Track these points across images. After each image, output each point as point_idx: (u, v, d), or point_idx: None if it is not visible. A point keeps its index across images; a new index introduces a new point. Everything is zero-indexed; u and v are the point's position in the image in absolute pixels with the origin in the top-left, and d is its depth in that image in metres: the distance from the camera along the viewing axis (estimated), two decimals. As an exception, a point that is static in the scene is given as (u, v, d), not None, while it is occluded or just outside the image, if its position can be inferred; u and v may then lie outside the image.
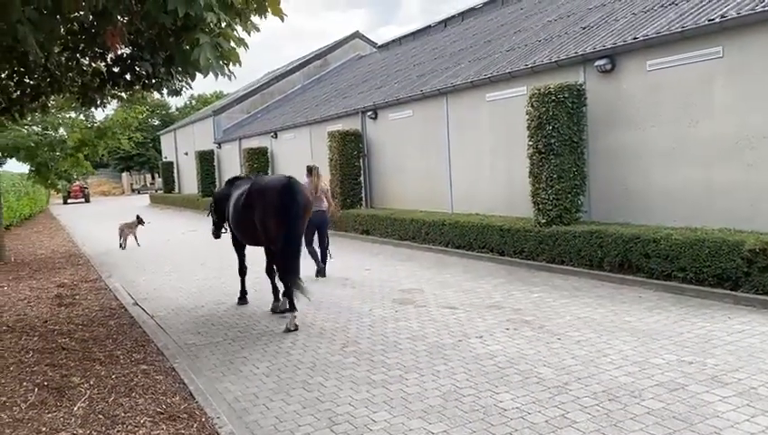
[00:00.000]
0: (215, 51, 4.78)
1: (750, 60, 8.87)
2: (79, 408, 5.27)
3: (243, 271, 9.48)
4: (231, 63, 5.04)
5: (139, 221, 18.16)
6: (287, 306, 7.96)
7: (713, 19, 9.10)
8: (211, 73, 5.21)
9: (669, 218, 9.88)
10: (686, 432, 4.42)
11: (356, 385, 5.73)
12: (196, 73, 5.73)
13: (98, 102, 8.63)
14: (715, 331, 6.73)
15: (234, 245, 9.43)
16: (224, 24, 4.81)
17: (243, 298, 9.57)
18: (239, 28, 4.99)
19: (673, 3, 11.10)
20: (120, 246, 17.47)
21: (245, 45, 5.05)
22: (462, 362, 6.16)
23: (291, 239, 7.82)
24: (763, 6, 8.50)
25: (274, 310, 8.79)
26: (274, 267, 8.70)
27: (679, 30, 9.56)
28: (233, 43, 4.95)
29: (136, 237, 17.91)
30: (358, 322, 8.00)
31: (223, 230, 9.83)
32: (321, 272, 11.22)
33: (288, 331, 7.68)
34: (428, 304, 8.71)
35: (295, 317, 7.80)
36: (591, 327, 7.13)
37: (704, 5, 9.99)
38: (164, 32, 5.63)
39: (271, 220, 7.82)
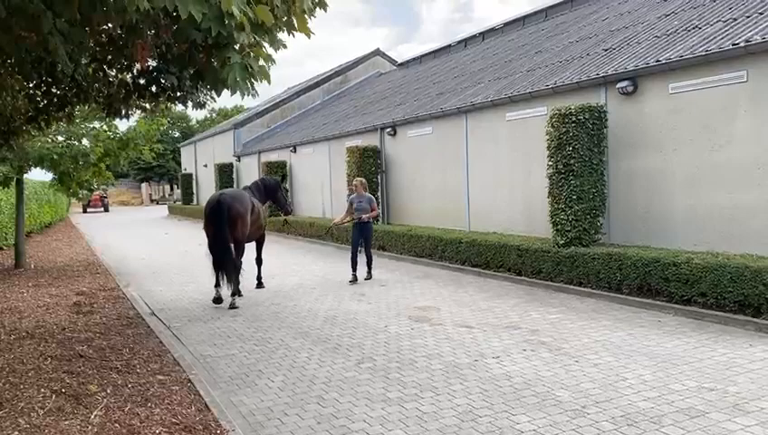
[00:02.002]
0: (244, 71, 4.83)
1: (774, 85, 8.81)
2: (95, 416, 5.28)
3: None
4: (260, 80, 5.09)
5: None
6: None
7: (737, 43, 9.06)
8: (233, 89, 5.30)
9: (690, 242, 9.78)
10: (708, 461, 4.34)
11: (371, 402, 5.70)
12: (223, 89, 5.79)
13: (122, 113, 8.74)
14: (737, 358, 6.62)
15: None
16: (254, 42, 4.86)
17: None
18: (267, 45, 5.03)
19: (696, 27, 11.07)
20: None
21: (273, 61, 5.10)
22: (478, 382, 6.11)
23: (215, 242, 10.05)
24: (789, 31, 8.45)
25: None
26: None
27: (703, 54, 9.52)
28: (261, 61, 4.99)
29: None
30: (373, 338, 7.97)
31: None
32: (354, 280, 12.14)
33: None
34: (444, 323, 8.67)
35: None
36: (610, 350, 7.05)
37: (727, 30, 9.96)
38: (194, 47, 5.69)
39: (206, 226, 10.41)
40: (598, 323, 8.33)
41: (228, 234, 10.05)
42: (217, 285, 10.19)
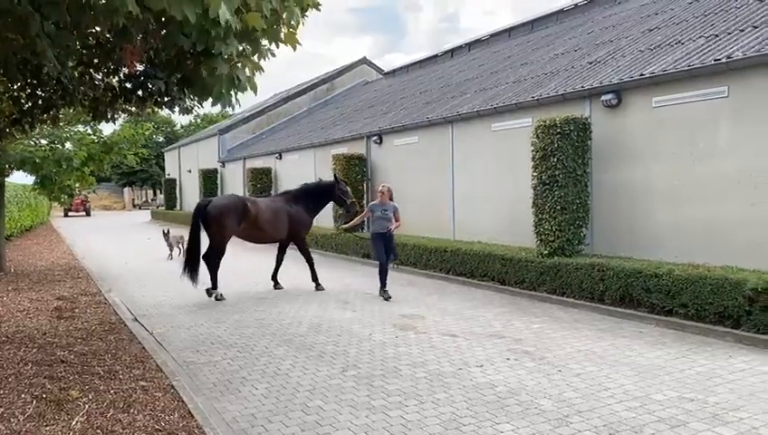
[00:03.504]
0: (230, 84, 4.84)
1: (754, 100, 8.98)
2: (77, 422, 5.23)
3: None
4: (248, 90, 5.10)
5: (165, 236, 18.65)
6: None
7: (719, 59, 9.22)
8: (215, 101, 5.34)
9: (671, 254, 9.90)
10: (688, 470, 4.39)
11: (355, 410, 5.70)
12: (208, 99, 5.80)
13: (108, 116, 8.70)
14: (717, 369, 6.71)
15: None
16: (241, 52, 4.87)
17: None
18: (254, 56, 5.05)
19: (679, 42, 11.26)
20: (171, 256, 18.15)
21: (261, 70, 5.11)
22: (462, 391, 6.14)
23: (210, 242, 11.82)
24: (760, 50, 8.62)
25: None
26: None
27: (686, 68, 9.69)
28: (248, 72, 5.00)
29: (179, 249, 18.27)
30: (358, 346, 7.97)
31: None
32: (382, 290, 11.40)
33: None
34: (429, 331, 8.69)
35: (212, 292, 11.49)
36: (592, 360, 7.11)
37: (710, 46, 10.14)
38: (182, 55, 5.69)
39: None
40: (580, 333, 8.40)
41: (198, 234, 11.55)
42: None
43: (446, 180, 15.62)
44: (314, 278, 12.45)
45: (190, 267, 11.43)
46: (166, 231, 18.42)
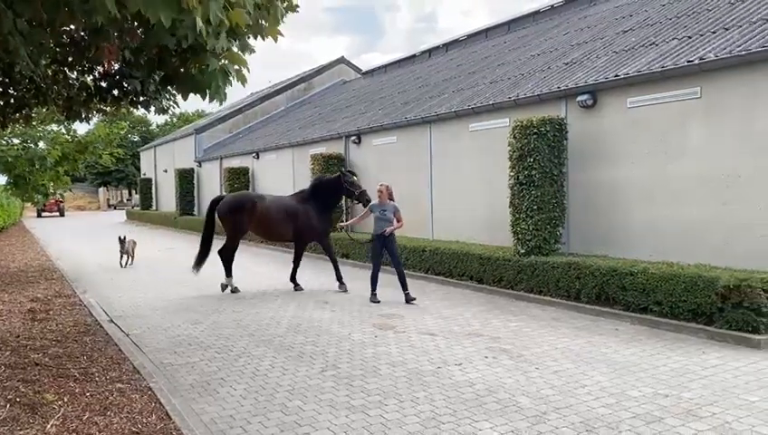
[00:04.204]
0: (225, 77, 4.81)
1: (726, 101, 9.15)
2: (52, 426, 5.15)
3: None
4: (236, 81, 5.07)
5: (122, 242, 16.72)
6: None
7: (692, 60, 9.38)
8: (211, 96, 5.28)
9: (646, 253, 10.05)
10: (663, 465, 4.47)
11: (335, 410, 5.69)
12: (188, 94, 5.74)
13: (82, 116, 8.57)
14: (690, 365, 6.82)
15: None
16: (227, 47, 4.83)
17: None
18: (236, 49, 5.02)
19: (653, 44, 11.43)
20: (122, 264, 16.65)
21: (246, 64, 5.08)
22: (441, 390, 6.17)
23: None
24: (740, 50, 8.80)
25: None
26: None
27: (659, 69, 9.84)
28: (236, 66, 4.97)
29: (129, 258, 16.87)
30: (337, 346, 7.97)
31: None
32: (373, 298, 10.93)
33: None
34: (408, 330, 8.71)
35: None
36: (569, 358, 7.19)
37: (683, 47, 10.30)
38: (166, 53, 5.62)
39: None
40: (557, 331, 8.49)
41: (211, 228, 12.52)
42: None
43: (425, 180, 15.67)
44: (338, 277, 12.26)
45: (199, 257, 12.44)
46: (122, 237, 16.79)
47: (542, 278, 10.55)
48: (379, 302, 10.77)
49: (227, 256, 12.40)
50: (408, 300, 10.61)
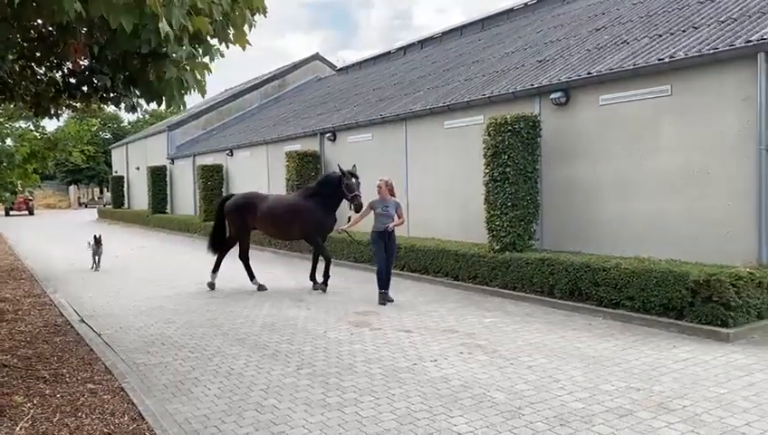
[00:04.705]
0: (180, 86, 4.75)
1: (696, 98, 9.32)
2: (21, 428, 5.06)
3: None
4: (196, 92, 5.00)
5: (97, 242, 15.80)
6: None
7: (662, 58, 9.52)
8: (167, 103, 5.22)
9: (618, 248, 10.18)
10: (635, 457, 4.54)
11: (310, 408, 5.68)
12: (158, 101, 5.67)
13: (51, 112, 8.40)
14: (662, 359, 6.93)
15: None
16: (190, 54, 4.77)
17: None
18: (202, 57, 4.97)
19: (625, 42, 11.58)
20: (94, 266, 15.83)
21: (209, 70, 5.02)
22: (417, 386, 6.18)
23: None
24: (708, 49, 8.96)
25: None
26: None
27: (631, 67, 9.97)
28: (197, 74, 4.90)
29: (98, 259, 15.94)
30: (312, 344, 7.94)
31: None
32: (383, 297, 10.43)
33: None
34: (384, 327, 8.72)
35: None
36: (543, 353, 7.26)
37: (654, 46, 10.46)
38: (128, 54, 5.55)
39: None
40: (531, 327, 8.57)
41: (221, 228, 12.84)
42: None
43: (401, 177, 15.65)
44: (316, 274, 12.05)
45: (215, 258, 12.64)
46: (98, 236, 15.85)
47: (517, 274, 10.64)
48: (391, 301, 10.30)
49: (243, 258, 12.53)
50: (383, 299, 10.37)
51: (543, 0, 20.58)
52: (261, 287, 12.09)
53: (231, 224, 12.66)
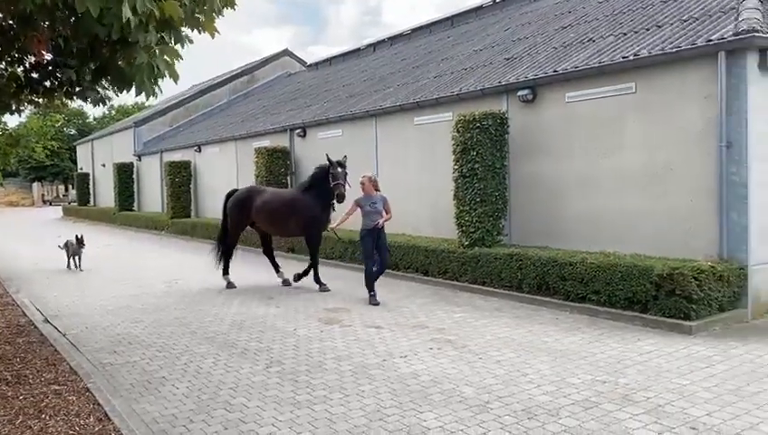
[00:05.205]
0: (151, 72, 4.68)
1: (659, 96, 9.48)
2: (-18, 431, 4.95)
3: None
4: (168, 78, 4.93)
5: (79, 242, 15.26)
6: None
7: (627, 56, 9.67)
8: (138, 90, 5.14)
9: (585, 243, 10.33)
10: (600, 449, 4.62)
11: (280, 406, 5.66)
12: (129, 88, 5.58)
13: (12, 108, 8.20)
14: (627, 352, 7.06)
15: None
16: (159, 39, 4.70)
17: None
18: (172, 42, 4.89)
19: (591, 40, 11.73)
20: (69, 266, 15.39)
21: (180, 58, 4.95)
22: (386, 382, 6.20)
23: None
24: (671, 48, 9.13)
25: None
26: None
27: (597, 65, 10.11)
28: (167, 59, 4.84)
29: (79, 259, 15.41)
30: (282, 342, 7.90)
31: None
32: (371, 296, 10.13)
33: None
34: (354, 324, 8.72)
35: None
36: (511, 347, 7.34)
37: (618, 44, 10.61)
38: (97, 43, 5.44)
39: None
40: (500, 321, 8.65)
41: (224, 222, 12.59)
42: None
43: (371, 173, 15.63)
44: (305, 273, 11.82)
45: (224, 256, 12.30)
46: (79, 236, 15.37)
47: (486, 269, 10.73)
48: (378, 304, 9.90)
49: (266, 252, 12.66)
50: (371, 298, 10.13)
51: (511, -2, 20.74)
52: (286, 282, 12.09)
53: (227, 219, 12.45)
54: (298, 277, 11.83)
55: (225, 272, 12.20)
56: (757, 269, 8.59)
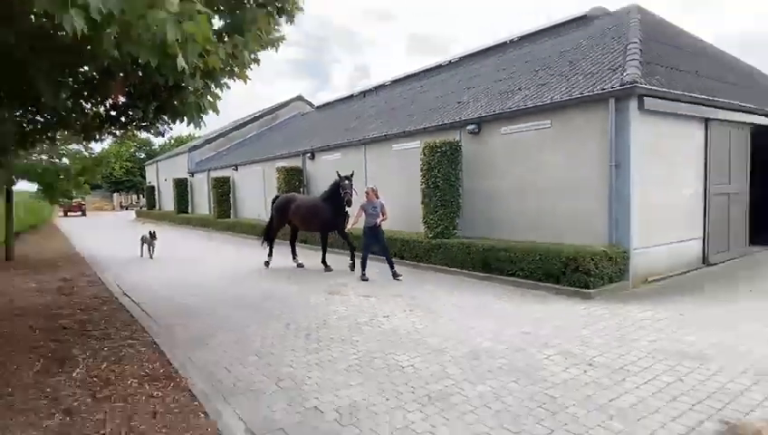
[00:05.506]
0: (199, 109, 4.71)
1: (568, 130, 9.60)
2: (77, 373, 4.93)
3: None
4: (210, 112, 4.95)
5: (152, 236, 14.80)
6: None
7: (545, 101, 9.79)
8: (188, 122, 5.15)
9: (515, 235, 10.43)
10: (524, 378, 4.71)
11: (296, 352, 5.68)
12: (179, 120, 5.58)
13: (97, 138, 8.13)
14: (545, 312, 7.16)
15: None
16: (203, 86, 4.71)
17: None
18: (213, 87, 4.91)
19: (519, 89, 11.84)
20: (142, 254, 14.97)
21: (219, 99, 4.98)
22: (373, 335, 6.25)
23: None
24: (577, 94, 9.26)
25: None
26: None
27: (523, 107, 10.22)
28: (210, 99, 4.86)
29: (152, 249, 14.86)
30: (298, 307, 7.91)
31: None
32: (394, 274, 10.14)
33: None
34: (350, 295, 8.74)
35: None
36: (464, 310, 7.40)
37: (540, 92, 10.72)
38: (158, 88, 5.44)
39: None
40: (456, 292, 8.71)
41: (272, 221, 12.63)
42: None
43: (361, 186, 15.62)
44: (352, 258, 11.63)
45: (269, 243, 12.59)
46: (153, 232, 14.88)
47: (445, 255, 10.79)
48: (367, 280, 9.97)
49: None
50: (395, 276, 10.12)
51: (463, 59, 20.83)
52: (300, 265, 12.04)
53: (273, 218, 12.58)
54: (352, 266, 11.45)
55: (270, 254, 12.40)
56: (637, 253, 8.75)
